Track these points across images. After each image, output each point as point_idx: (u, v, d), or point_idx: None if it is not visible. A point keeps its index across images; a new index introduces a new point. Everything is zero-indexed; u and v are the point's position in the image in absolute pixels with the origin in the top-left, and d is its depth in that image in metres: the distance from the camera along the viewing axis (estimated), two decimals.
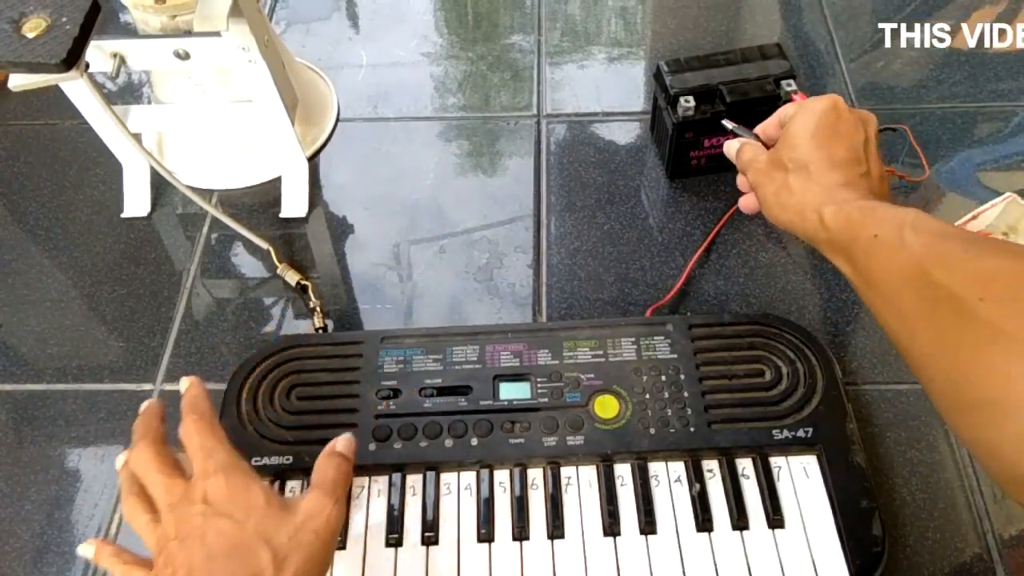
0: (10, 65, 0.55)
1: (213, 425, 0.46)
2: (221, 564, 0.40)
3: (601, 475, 0.57)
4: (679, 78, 0.71)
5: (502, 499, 0.56)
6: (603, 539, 0.54)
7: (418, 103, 0.87)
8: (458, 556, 0.54)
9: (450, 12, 0.98)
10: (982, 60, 0.87)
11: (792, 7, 0.95)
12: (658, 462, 0.57)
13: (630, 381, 0.60)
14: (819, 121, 0.52)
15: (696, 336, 0.62)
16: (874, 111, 0.82)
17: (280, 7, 0.98)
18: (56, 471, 0.62)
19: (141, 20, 0.68)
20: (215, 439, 0.45)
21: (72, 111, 0.70)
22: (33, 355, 0.69)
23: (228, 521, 0.41)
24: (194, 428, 0.45)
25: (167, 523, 0.42)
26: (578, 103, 0.86)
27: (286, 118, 0.73)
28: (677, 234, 0.74)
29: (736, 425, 0.58)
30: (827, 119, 0.52)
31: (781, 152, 0.53)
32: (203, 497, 0.42)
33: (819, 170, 0.50)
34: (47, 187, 0.81)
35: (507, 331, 0.63)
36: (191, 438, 0.45)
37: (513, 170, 0.80)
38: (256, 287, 0.73)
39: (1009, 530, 0.57)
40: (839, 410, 0.58)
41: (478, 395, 0.60)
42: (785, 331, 0.62)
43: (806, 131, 0.52)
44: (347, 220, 0.77)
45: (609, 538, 0.54)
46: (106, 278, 0.74)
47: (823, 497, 0.55)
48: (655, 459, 0.57)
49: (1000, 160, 0.79)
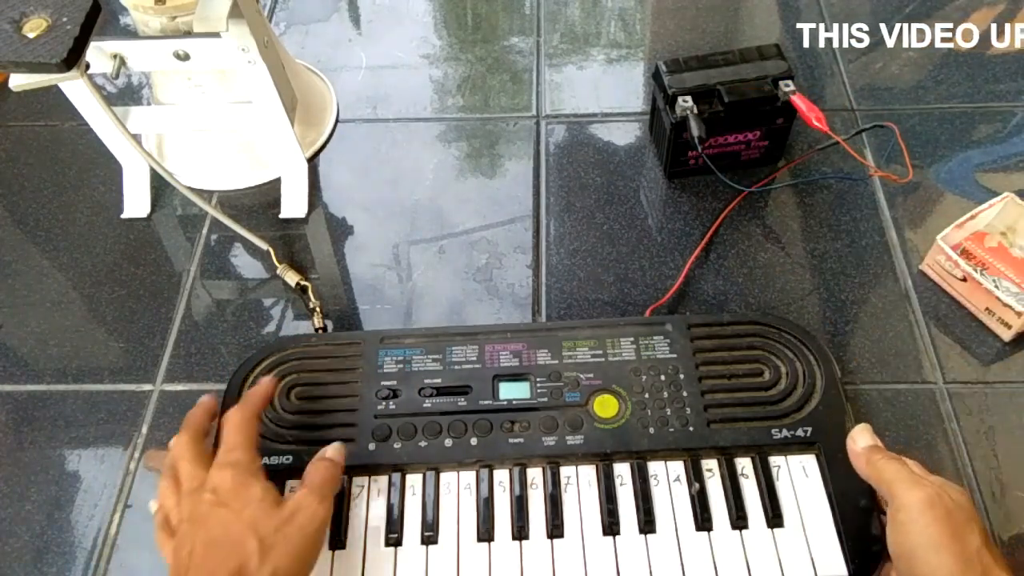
0: (11, 65, 0.55)
1: (246, 424, 0.52)
2: (215, 548, 0.45)
3: (600, 474, 0.57)
4: (677, 78, 0.72)
5: (502, 499, 0.56)
6: (602, 538, 0.54)
7: (417, 104, 0.87)
8: (458, 556, 0.54)
9: (449, 14, 0.98)
10: (980, 61, 0.88)
11: (790, 8, 0.95)
12: (657, 461, 0.57)
13: (629, 381, 0.60)
14: (933, 531, 0.45)
15: (695, 336, 0.62)
16: (872, 112, 0.83)
17: (279, 8, 0.99)
18: (56, 472, 0.62)
19: (141, 21, 0.68)
20: (241, 436, 0.51)
21: (72, 112, 0.70)
22: (33, 356, 0.69)
23: (227, 511, 0.47)
24: (230, 423, 0.52)
25: (184, 506, 0.48)
26: (577, 104, 0.86)
27: (285, 119, 0.73)
28: (676, 234, 0.74)
29: (735, 424, 0.58)
30: (941, 527, 0.45)
31: None
32: (212, 487, 0.48)
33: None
34: (47, 188, 0.81)
35: (507, 331, 0.63)
36: (224, 431, 0.52)
37: (512, 171, 0.81)
38: (256, 288, 0.73)
39: (1008, 529, 0.57)
40: (838, 409, 0.58)
41: (478, 395, 0.60)
42: (784, 331, 0.62)
43: (925, 547, 0.45)
44: (346, 221, 0.77)
45: (608, 537, 0.54)
46: (106, 279, 0.74)
47: (822, 496, 0.55)
48: (654, 458, 0.57)
49: (998, 160, 0.79)
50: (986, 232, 0.69)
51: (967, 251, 0.67)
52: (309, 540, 0.47)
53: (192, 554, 0.45)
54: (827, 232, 0.74)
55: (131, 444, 0.63)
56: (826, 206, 0.76)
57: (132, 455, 0.63)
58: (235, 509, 0.47)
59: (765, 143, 0.75)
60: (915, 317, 0.68)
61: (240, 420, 0.52)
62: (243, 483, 0.48)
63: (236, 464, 0.49)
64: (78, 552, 0.59)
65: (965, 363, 0.65)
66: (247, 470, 0.49)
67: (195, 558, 0.45)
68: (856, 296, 0.69)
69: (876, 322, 0.68)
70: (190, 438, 0.52)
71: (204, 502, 0.47)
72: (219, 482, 0.48)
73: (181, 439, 0.52)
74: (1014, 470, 0.59)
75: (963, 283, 0.67)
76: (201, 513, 0.47)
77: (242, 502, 0.47)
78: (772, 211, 0.76)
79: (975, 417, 0.62)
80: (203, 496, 0.47)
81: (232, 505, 0.47)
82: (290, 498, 0.49)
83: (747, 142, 0.75)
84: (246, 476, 0.49)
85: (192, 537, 0.46)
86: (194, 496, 0.48)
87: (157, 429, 0.64)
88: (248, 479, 0.48)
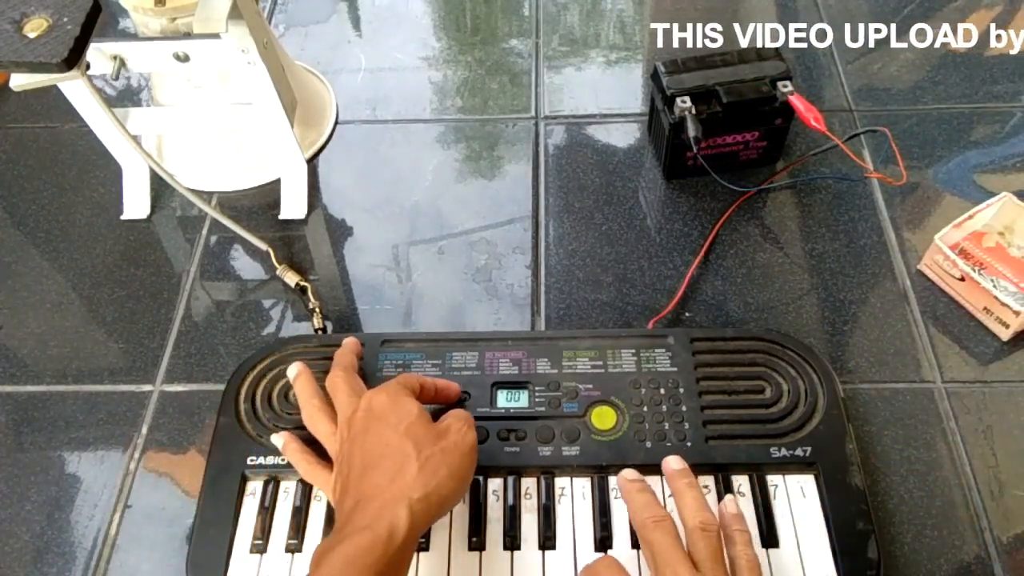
0: (12, 65, 0.55)
1: (352, 374, 0.55)
2: (376, 457, 0.47)
3: (595, 487, 0.56)
4: (676, 79, 0.72)
5: (495, 508, 0.55)
6: (595, 552, 0.53)
7: (417, 106, 0.87)
8: (448, 564, 0.53)
9: (448, 16, 0.98)
10: (978, 62, 0.88)
11: (789, 9, 0.95)
12: (654, 476, 0.55)
13: (628, 393, 0.59)
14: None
15: (697, 350, 0.61)
16: (871, 113, 0.84)
17: (279, 10, 0.99)
18: (56, 472, 0.63)
19: (141, 23, 0.68)
20: (358, 381, 0.55)
21: (72, 114, 0.70)
22: (33, 357, 0.69)
23: (384, 424, 0.49)
24: (338, 378, 0.54)
25: (342, 430, 0.51)
26: (576, 105, 0.86)
27: (285, 120, 0.73)
28: (675, 234, 0.74)
29: (734, 442, 0.57)
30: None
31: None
32: (368, 407, 0.50)
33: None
34: (47, 190, 0.81)
35: (507, 338, 0.63)
36: (341, 386, 0.53)
37: (511, 172, 0.81)
38: (255, 289, 0.73)
39: (1007, 528, 0.57)
40: (839, 430, 0.57)
41: (476, 402, 0.59)
42: (788, 347, 0.61)
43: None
44: (346, 222, 0.77)
45: (601, 551, 0.53)
46: (106, 280, 0.74)
47: (819, 518, 0.54)
48: (651, 473, 0.55)
49: (996, 161, 0.79)
50: (984, 232, 0.69)
51: (965, 251, 0.68)
52: (465, 458, 0.49)
53: (352, 467, 0.47)
54: (826, 232, 0.74)
55: (131, 445, 0.64)
56: (824, 206, 0.76)
57: (132, 455, 0.63)
58: (392, 423, 0.49)
59: (764, 144, 0.76)
60: (913, 317, 0.68)
61: (345, 373, 0.55)
62: (398, 402, 0.50)
63: (388, 387, 0.51)
64: (78, 552, 0.59)
65: (963, 362, 0.65)
66: (400, 391, 0.51)
67: (355, 470, 0.47)
68: (854, 296, 0.70)
69: (874, 322, 0.68)
70: (344, 371, 0.55)
71: (360, 419, 0.50)
72: (375, 402, 0.50)
73: (336, 374, 0.54)
74: (1012, 469, 0.60)
75: (961, 283, 0.67)
76: (358, 430, 0.49)
77: (398, 417, 0.49)
78: (770, 211, 0.76)
79: (973, 416, 0.62)
80: (358, 415, 0.50)
81: (389, 419, 0.49)
82: (443, 419, 0.51)
83: (745, 143, 0.75)
84: (400, 396, 0.51)
85: (350, 455, 0.48)
86: (351, 419, 0.50)
87: (157, 430, 0.64)
88: (402, 398, 0.51)
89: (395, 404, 0.50)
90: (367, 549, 0.42)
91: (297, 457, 0.54)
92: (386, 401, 0.50)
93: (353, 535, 0.43)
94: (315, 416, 0.53)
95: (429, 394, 0.56)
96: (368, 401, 0.50)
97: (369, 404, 0.50)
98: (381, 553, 0.43)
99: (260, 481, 0.57)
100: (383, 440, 0.48)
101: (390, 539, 0.43)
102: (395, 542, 0.43)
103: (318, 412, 0.53)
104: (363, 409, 0.50)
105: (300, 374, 0.57)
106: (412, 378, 0.54)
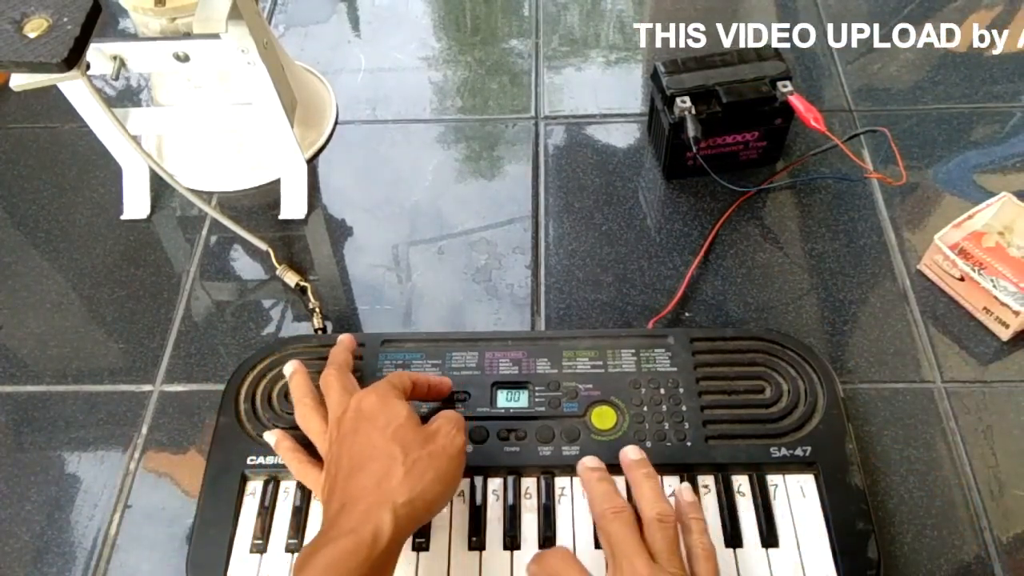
0: (12, 64, 0.55)
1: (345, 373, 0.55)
2: (363, 459, 0.47)
3: None
4: (676, 79, 0.72)
5: (495, 507, 0.55)
6: (594, 551, 0.53)
7: (417, 106, 0.87)
8: (448, 563, 0.53)
9: (448, 17, 0.98)
10: (978, 62, 0.88)
11: (788, 9, 0.95)
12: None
13: (628, 393, 0.59)
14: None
15: (697, 350, 0.61)
16: (871, 113, 0.84)
17: (279, 10, 0.99)
18: (56, 472, 0.63)
19: (141, 23, 0.68)
20: (352, 380, 0.54)
21: (72, 114, 0.70)
22: (33, 357, 0.69)
23: (373, 426, 0.49)
24: (332, 377, 0.54)
25: (332, 430, 0.51)
26: (576, 105, 0.86)
27: (285, 120, 0.73)
28: (674, 234, 0.74)
29: (734, 441, 0.57)
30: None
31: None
32: (357, 407, 0.50)
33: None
34: (47, 190, 0.81)
35: (507, 338, 0.63)
36: (334, 385, 0.53)
37: (511, 172, 0.81)
38: (255, 289, 0.73)
39: (1006, 528, 0.57)
40: (839, 430, 0.57)
41: (475, 402, 0.59)
42: (788, 347, 0.61)
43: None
44: (346, 222, 0.77)
45: (600, 550, 0.53)
46: (106, 280, 0.74)
47: (819, 518, 0.54)
48: None
49: (996, 161, 0.79)
50: (984, 232, 0.69)
51: (965, 251, 0.68)
52: (452, 462, 0.49)
53: (340, 468, 0.48)
54: (825, 232, 0.74)
55: (131, 445, 0.64)
56: (824, 206, 0.76)
57: (132, 455, 0.63)
58: (380, 425, 0.48)
59: (763, 144, 0.76)
60: (913, 317, 0.68)
61: (338, 372, 0.54)
62: (388, 403, 0.50)
63: (378, 387, 0.51)
64: (78, 552, 0.59)
65: (963, 362, 0.65)
66: (390, 393, 0.51)
67: (342, 471, 0.47)
68: (854, 296, 0.70)
69: (874, 322, 0.68)
70: (337, 370, 0.54)
71: (349, 419, 0.50)
72: (365, 403, 0.50)
73: (330, 372, 0.54)
74: (1012, 469, 0.60)
75: (961, 283, 0.67)
76: (347, 430, 0.49)
77: (387, 419, 0.49)
78: (770, 211, 0.76)
79: (973, 416, 0.62)
80: (348, 415, 0.50)
81: (378, 421, 0.49)
82: (432, 421, 0.51)
83: (745, 143, 0.75)
84: (390, 397, 0.50)
85: (339, 455, 0.48)
86: (341, 419, 0.50)
87: (157, 430, 0.64)
88: (392, 400, 0.50)
89: (384, 405, 0.50)
90: (351, 553, 0.43)
91: (289, 456, 0.54)
92: (375, 402, 0.50)
93: (338, 539, 0.43)
94: (307, 415, 0.53)
95: (421, 391, 0.56)
96: (358, 402, 0.50)
97: (359, 405, 0.50)
98: (365, 557, 0.43)
99: (260, 481, 0.57)
100: (371, 442, 0.48)
101: (374, 543, 0.43)
102: (379, 546, 0.43)
103: (310, 411, 0.53)
104: (352, 410, 0.50)
105: (295, 372, 0.57)
106: (403, 376, 0.54)
